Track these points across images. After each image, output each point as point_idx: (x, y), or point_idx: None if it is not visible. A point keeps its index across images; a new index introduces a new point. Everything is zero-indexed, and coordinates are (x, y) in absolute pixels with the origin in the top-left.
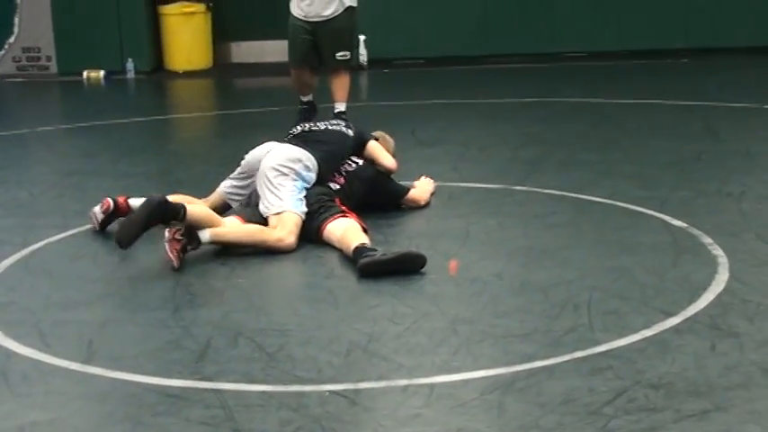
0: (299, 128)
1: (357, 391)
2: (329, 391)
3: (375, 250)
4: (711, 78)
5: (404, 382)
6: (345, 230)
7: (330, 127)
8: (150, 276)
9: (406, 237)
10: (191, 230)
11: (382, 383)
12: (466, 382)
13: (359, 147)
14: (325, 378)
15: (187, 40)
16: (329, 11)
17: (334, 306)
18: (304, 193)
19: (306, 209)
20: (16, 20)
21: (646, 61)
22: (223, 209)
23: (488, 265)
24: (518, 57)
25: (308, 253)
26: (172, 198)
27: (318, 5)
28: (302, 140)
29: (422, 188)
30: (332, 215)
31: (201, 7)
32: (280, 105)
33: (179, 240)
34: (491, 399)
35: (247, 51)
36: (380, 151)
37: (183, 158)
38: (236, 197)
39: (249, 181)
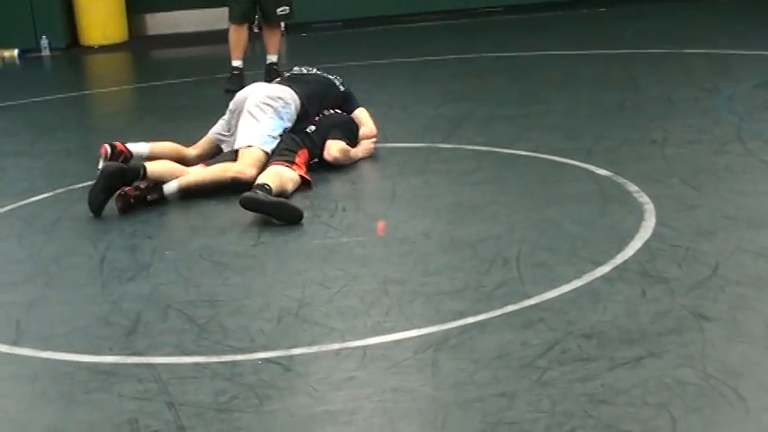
0: (295, 69)
1: (290, 358)
2: (262, 359)
3: (267, 190)
4: (629, 26)
5: (337, 345)
6: (268, 171)
7: (321, 73)
8: (76, 254)
9: (331, 199)
10: (155, 183)
11: (315, 348)
12: (399, 342)
13: (346, 106)
14: (258, 346)
15: (101, 13)
16: None
17: (262, 273)
18: (280, 131)
19: (273, 147)
20: None
21: (562, 12)
22: (214, 152)
23: (416, 223)
24: (435, 14)
25: (234, 222)
26: (158, 146)
27: None
28: (289, 80)
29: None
30: (275, 161)
31: None
32: (197, 75)
33: (137, 188)
34: (425, 357)
35: (163, 23)
36: (366, 117)
37: (102, 134)
38: (226, 137)
39: (236, 120)
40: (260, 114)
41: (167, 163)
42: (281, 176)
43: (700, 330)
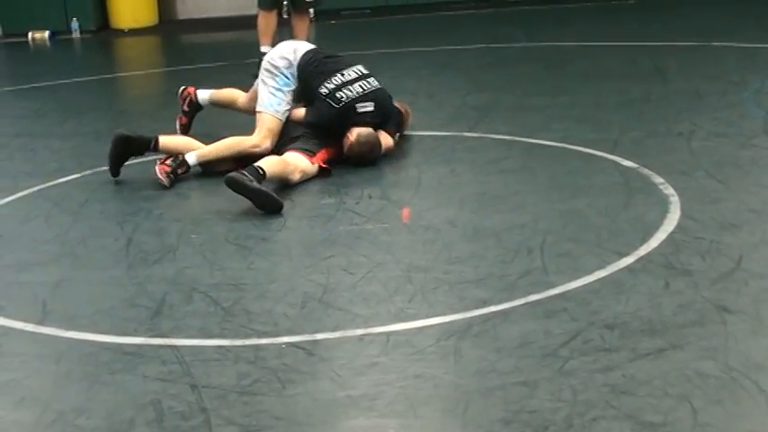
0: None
1: (314, 343)
2: (286, 344)
3: (259, 175)
4: (657, 18)
5: (360, 331)
6: (275, 157)
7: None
8: (103, 235)
9: (357, 186)
10: (177, 157)
11: (338, 334)
12: (422, 329)
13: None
14: (282, 330)
15: None
16: None
17: (288, 258)
18: (290, 88)
19: (286, 107)
20: None
21: (591, 3)
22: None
23: (441, 212)
24: (464, 3)
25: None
26: (222, 95)
27: None
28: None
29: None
30: (292, 148)
31: None
32: (227, 60)
33: (169, 165)
34: (447, 345)
35: (193, 7)
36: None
37: (131, 116)
38: None
39: None
40: (266, 76)
41: (181, 138)
42: (287, 165)
43: (722, 323)
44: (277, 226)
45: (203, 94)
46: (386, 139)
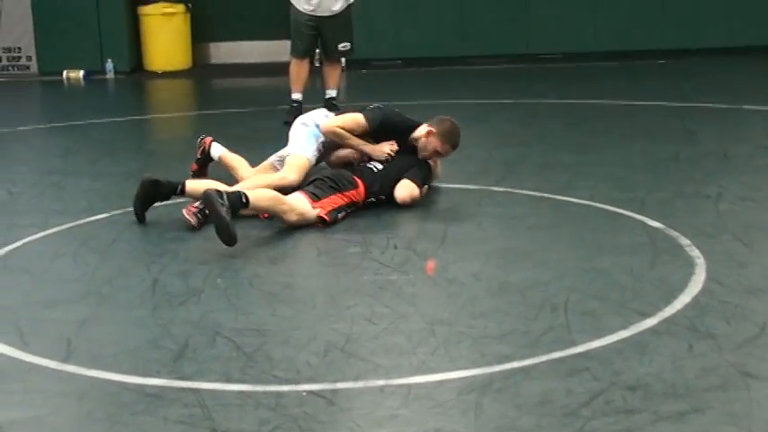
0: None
1: (335, 392)
2: (307, 392)
3: (241, 203)
4: (688, 80)
5: (381, 382)
6: (270, 192)
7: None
8: (129, 276)
9: (383, 236)
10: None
11: (360, 384)
12: (443, 382)
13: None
14: (303, 378)
15: (166, 40)
16: (338, 6)
17: (311, 306)
18: (318, 137)
19: (314, 153)
20: None
21: (621, 62)
22: None
23: (466, 265)
24: (494, 58)
25: (286, 254)
26: (229, 158)
27: (328, 1)
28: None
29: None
30: (302, 189)
31: (181, 8)
32: (258, 105)
33: (197, 206)
34: (468, 399)
35: (226, 52)
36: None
37: (161, 158)
38: (281, 163)
39: None
40: (300, 129)
41: (207, 182)
42: (281, 203)
43: (746, 389)
44: (302, 273)
45: (216, 149)
46: (412, 190)
